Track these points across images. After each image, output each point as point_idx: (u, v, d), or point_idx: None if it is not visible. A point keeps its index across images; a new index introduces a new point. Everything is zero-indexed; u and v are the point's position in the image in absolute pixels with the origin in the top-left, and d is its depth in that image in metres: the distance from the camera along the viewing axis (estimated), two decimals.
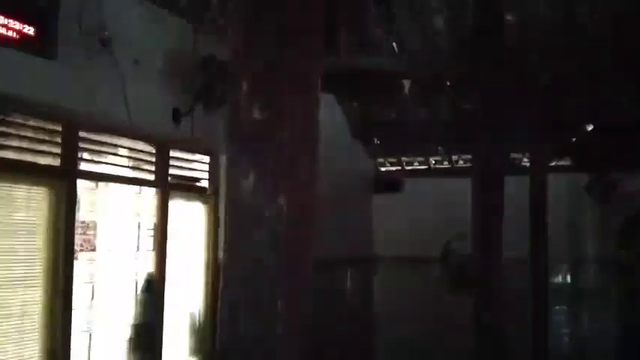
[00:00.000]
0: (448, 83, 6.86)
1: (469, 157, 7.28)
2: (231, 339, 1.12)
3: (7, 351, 3.34)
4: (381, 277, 8.61)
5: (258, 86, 1.13)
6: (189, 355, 4.91)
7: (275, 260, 1.09)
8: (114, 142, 4.20)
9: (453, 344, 6.60)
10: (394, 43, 6.68)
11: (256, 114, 1.11)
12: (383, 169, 8.99)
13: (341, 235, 7.34)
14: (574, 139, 7.60)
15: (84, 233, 4.08)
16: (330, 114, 7.68)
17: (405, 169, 8.85)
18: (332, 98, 7.70)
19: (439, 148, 8.39)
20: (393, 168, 8.92)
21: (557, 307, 7.48)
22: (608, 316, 7.48)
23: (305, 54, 1.15)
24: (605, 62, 6.05)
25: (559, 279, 7.76)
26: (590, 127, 7.31)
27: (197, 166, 5.07)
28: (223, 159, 4.02)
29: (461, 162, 8.41)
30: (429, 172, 8.63)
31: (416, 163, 8.81)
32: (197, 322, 4.97)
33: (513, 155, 7.85)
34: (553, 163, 7.55)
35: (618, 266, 7.53)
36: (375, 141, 8.57)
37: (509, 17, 5.36)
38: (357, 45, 6.56)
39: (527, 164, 7.35)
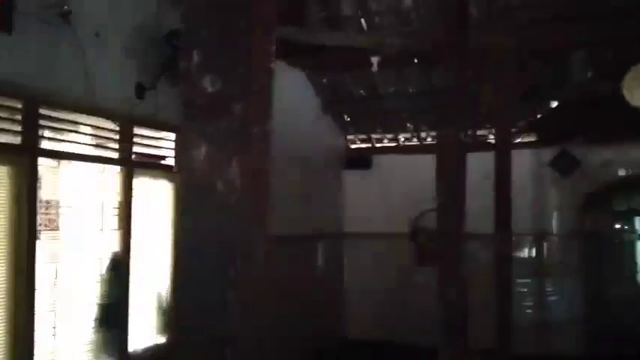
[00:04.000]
0: (415, 60, 6.87)
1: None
2: (185, 305, 1.13)
3: None
4: (351, 253, 8.70)
5: (210, 57, 1.11)
6: (156, 334, 4.90)
7: (227, 229, 1.09)
8: (76, 120, 4.12)
9: (421, 317, 6.71)
10: (362, 19, 6.67)
11: (208, 85, 1.10)
12: (353, 145, 9.01)
13: (310, 211, 7.37)
14: (539, 116, 7.71)
15: (46, 212, 4.01)
16: (300, 90, 7.65)
17: (375, 146, 8.89)
18: (302, 74, 7.66)
19: (408, 125, 8.44)
20: (363, 145, 8.95)
21: (520, 280, 7.64)
22: (572, 289, 7.69)
23: (258, 24, 1.14)
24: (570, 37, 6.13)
25: (523, 252, 7.93)
26: (554, 104, 7.43)
27: (162, 144, 5.01)
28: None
29: (429, 139, 8.47)
30: (398, 149, 8.70)
31: (385, 140, 8.85)
32: (164, 301, 4.96)
33: (479, 132, 7.95)
34: (518, 140, 7.65)
35: (581, 240, 7.73)
36: (345, 117, 8.57)
37: None
38: (325, 20, 6.53)
39: (492, 141, 7.42)
